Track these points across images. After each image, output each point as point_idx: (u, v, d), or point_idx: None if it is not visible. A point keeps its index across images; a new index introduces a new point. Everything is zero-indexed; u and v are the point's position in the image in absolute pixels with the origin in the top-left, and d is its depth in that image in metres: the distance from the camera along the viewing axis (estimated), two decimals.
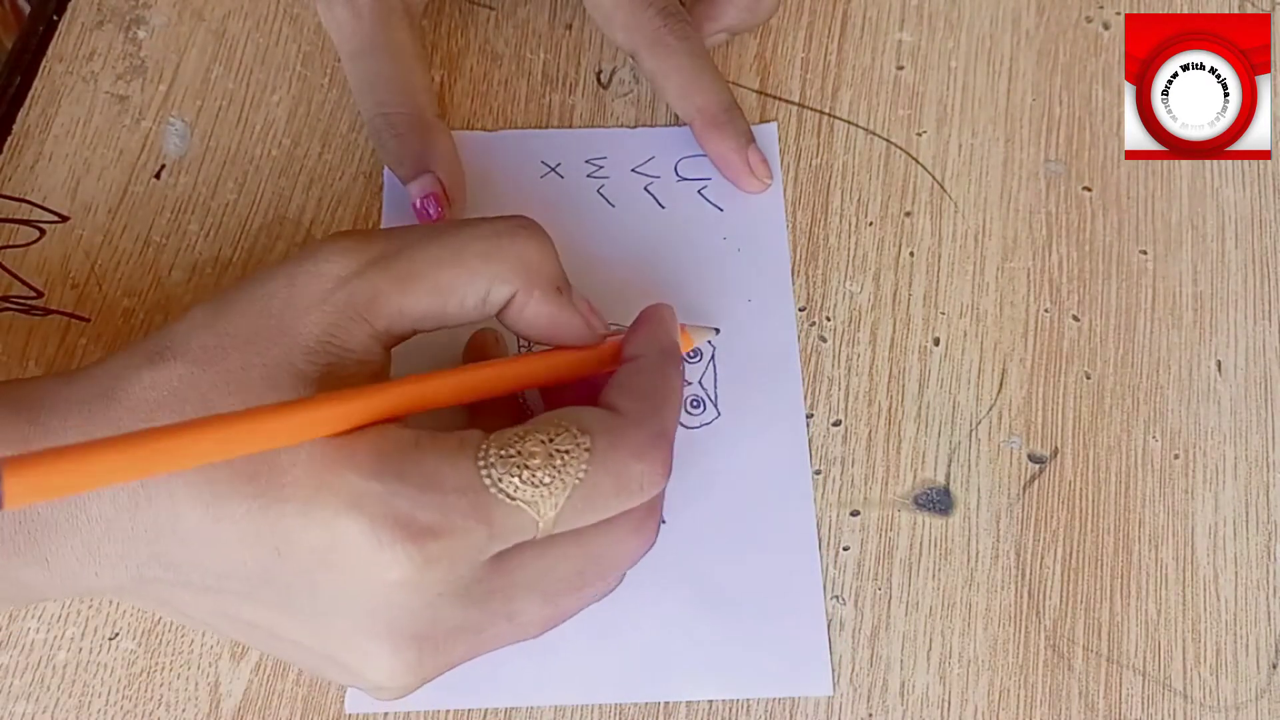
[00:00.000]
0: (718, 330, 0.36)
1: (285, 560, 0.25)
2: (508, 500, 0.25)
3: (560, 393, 0.32)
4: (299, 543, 0.24)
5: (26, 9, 0.53)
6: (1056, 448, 0.36)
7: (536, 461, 0.25)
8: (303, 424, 0.24)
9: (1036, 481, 0.35)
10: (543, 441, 0.26)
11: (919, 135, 0.40)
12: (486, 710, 0.32)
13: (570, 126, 0.40)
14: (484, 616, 0.27)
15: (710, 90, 0.38)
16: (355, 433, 0.25)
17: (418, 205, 0.36)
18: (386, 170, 0.38)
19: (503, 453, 0.25)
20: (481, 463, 0.25)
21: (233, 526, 0.25)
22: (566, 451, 0.26)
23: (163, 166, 0.38)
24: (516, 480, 0.25)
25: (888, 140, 0.40)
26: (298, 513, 0.24)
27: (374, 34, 0.37)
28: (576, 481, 0.26)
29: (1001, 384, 0.37)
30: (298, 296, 0.27)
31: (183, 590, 0.27)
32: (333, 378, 0.26)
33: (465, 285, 0.28)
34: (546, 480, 0.25)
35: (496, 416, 0.32)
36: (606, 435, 0.27)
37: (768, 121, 0.40)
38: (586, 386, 0.31)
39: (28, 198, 0.37)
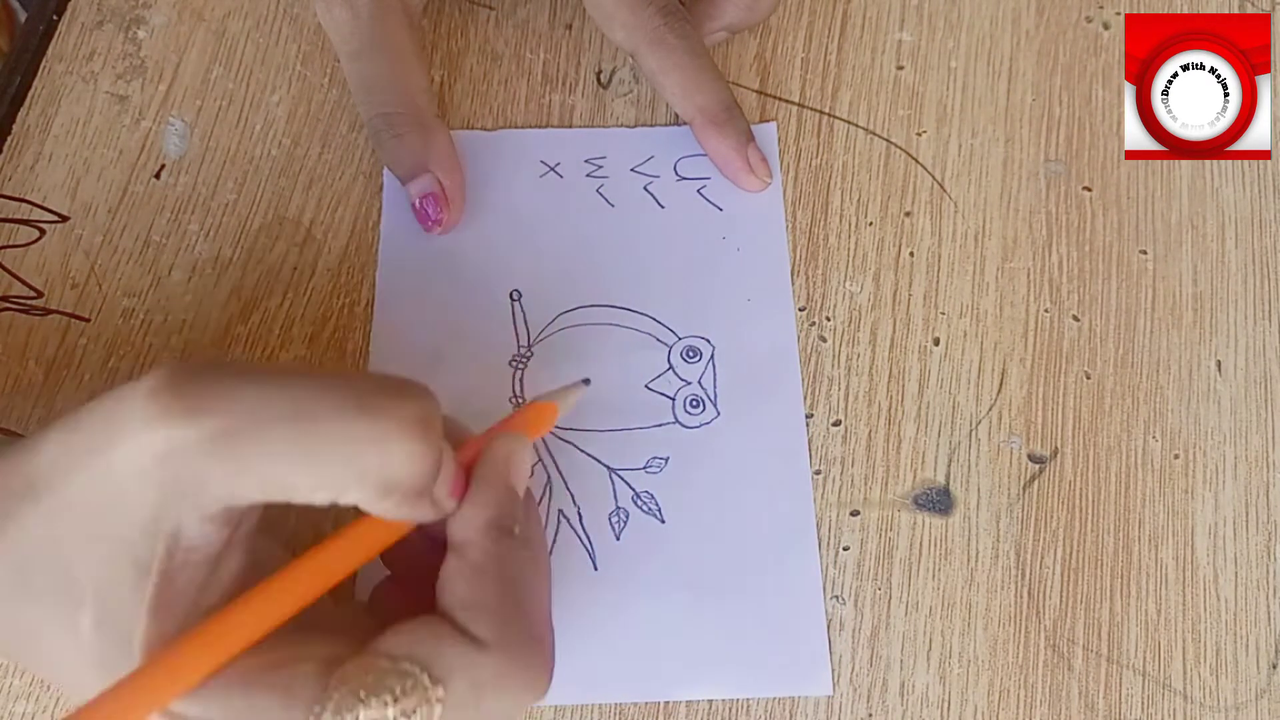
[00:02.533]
0: (588, 381, 0.32)
1: None
2: None
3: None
4: None
5: (22, 14, 0.53)
6: (1056, 448, 0.36)
7: None
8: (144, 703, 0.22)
9: (1036, 481, 0.35)
10: (386, 703, 0.23)
11: (919, 135, 0.40)
12: None
13: (570, 126, 0.40)
14: None
15: (710, 89, 0.38)
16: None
17: (417, 205, 0.36)
18: (386, 170, 0.38)
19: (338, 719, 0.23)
20: None
21: None
22: (414, 712, 0.23)
23: (162, 166, 0.38)
24: None
25: (888, 140, 0.40)
26: None
27: (373, 34, 0.37)
28: None
29: (1001, 384, 0.37)
30: (119, 465, 0.23)
31: None
32: (170, 570, 0.24)
33: (311, 490, 0.24)
34: None
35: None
36: (465, 676, 0.24)
37: (767, 121, 0.40)
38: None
39: (28, 198, 0.37)
